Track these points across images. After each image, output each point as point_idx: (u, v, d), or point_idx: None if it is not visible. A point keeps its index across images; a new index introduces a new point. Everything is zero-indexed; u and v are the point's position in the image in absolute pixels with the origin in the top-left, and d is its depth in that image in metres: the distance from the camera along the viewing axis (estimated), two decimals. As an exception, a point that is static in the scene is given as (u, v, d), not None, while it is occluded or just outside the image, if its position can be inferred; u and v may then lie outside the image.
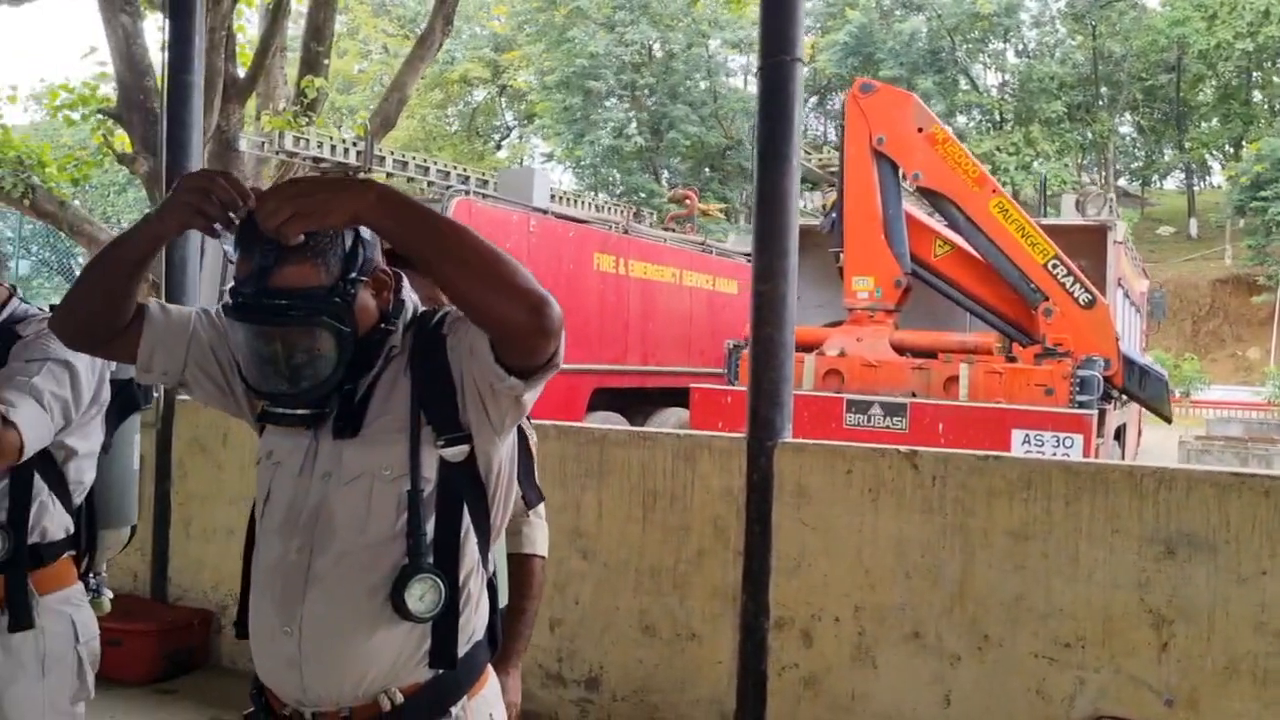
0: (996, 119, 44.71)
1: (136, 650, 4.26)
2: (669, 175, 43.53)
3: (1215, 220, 41.89)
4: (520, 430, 1.74)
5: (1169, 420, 8.52)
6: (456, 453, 1.46)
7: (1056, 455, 6.48)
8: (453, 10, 10.99)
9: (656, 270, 9.27)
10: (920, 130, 7.61)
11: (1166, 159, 47.91)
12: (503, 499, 1.54)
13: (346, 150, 8.26)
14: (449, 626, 1.46)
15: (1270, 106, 42.87)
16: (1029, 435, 6.71)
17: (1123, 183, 46.14)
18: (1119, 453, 8.32)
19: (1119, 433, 8.48)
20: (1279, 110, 42.44)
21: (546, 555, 2.14)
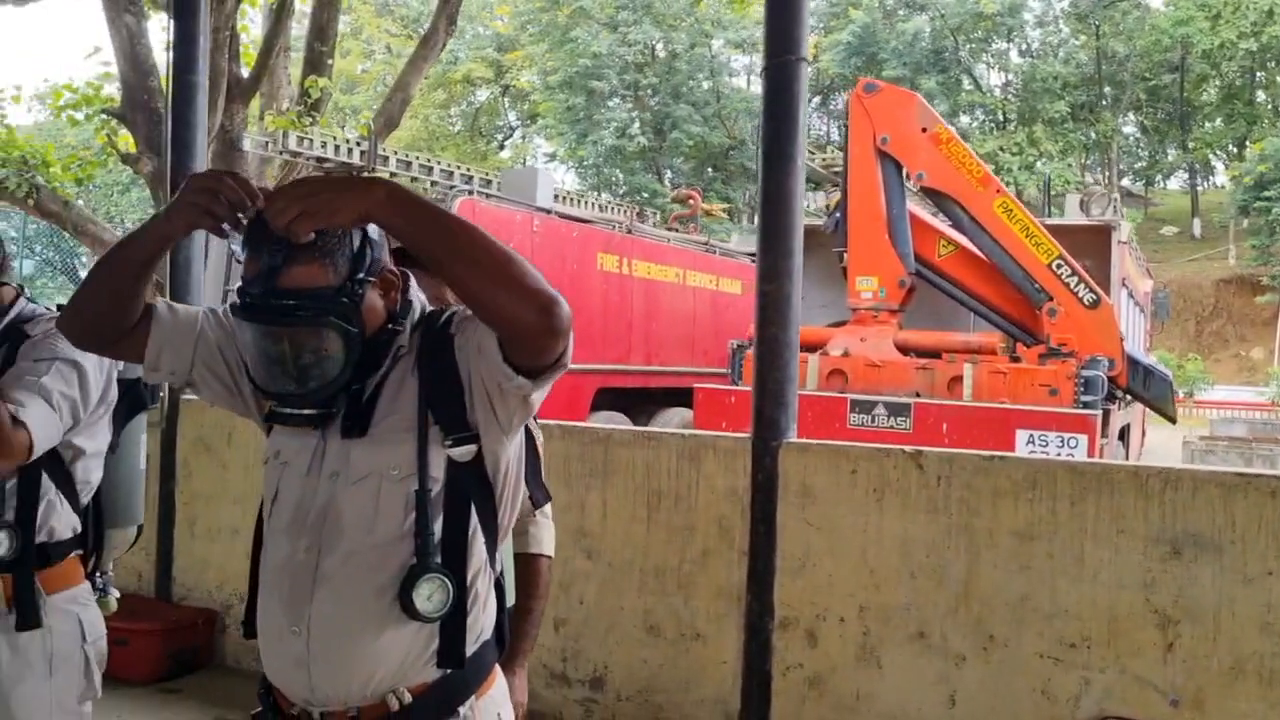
0: (1000, 119, 44.68)
1: (141, 649, 4.27)
2: (672, 175, 43.51)
3: (1219, 220, 41.84)
4: (528, 430, 1.75)
5: (1173, 420, 8.51)
6: (464, 452, 1.45)
7: (1061, 455, 6.48)
8: (456, 10, 10.99)
9: (660, 270, 9.26)
10: (924, 130, 7.60)
11: (1170, 159, 47.87)
12: (510, 499, 1.54)
13: (350, 150, 8.28)
14: (457, 626, 1.46)
15: (1274, 106, 42.79)
16: (1033, 435, 6.70)
17: (1126, 183, 46.07)
18: (1123, 453, 8.31)
19: (1123, 433, 8.47)
20: (1283, 110, 42.42)
21: (553, 555, 2.14)
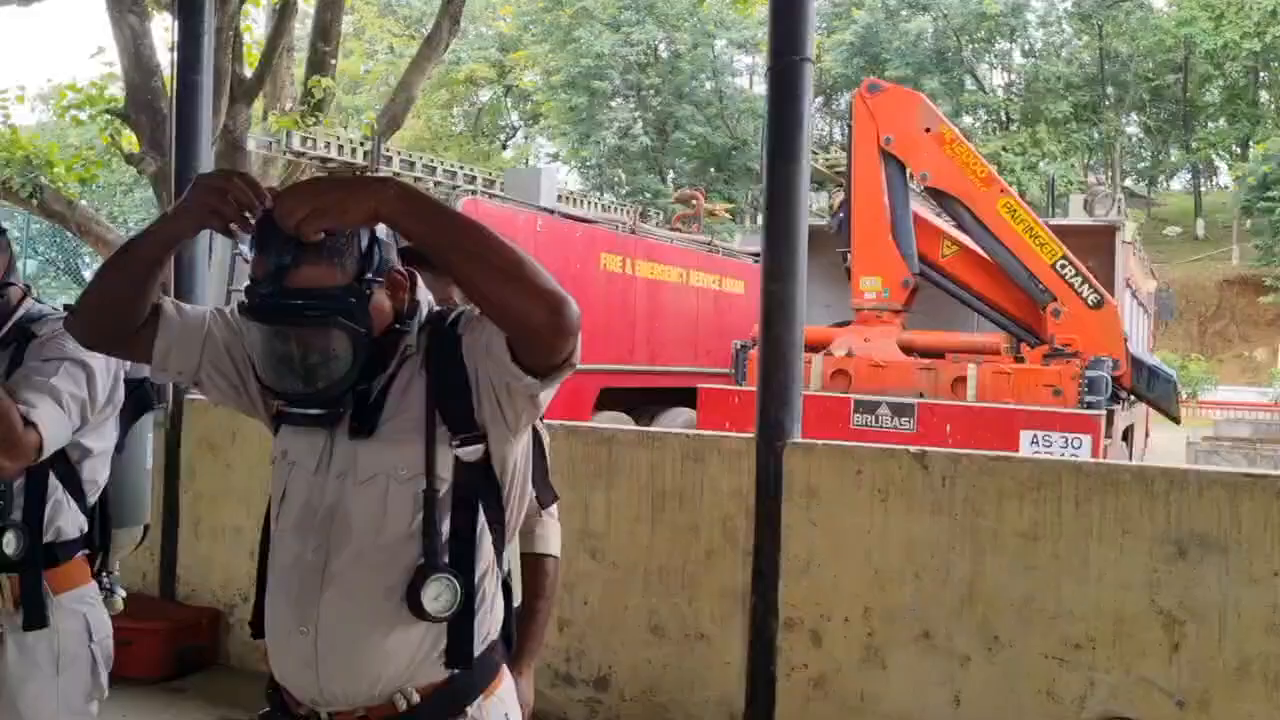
0: (1002, 119, 44.66)
1: (146, 648, 4.27)
2: (674, 175, 43.47)
3: (1222, 221, 41.79)
4: (535, 431, 1.75)
5: (1177, 421, 8.50)
6: (471, 452, 1.45)
7: (1065, 456, 6.47)
8: (459, 10, 10.99)
9: (663, 270, 9.26)
10: (928, 130, 7.60)
11: (1173, 159, 47.80)
12: (518, 498, 1.54)
13: (354, 150, 8.28)
14: (465, 626, 1.46)
15: (1278, 106, 42.74)
16: (1037, 436, 6.69)
17: (1129, 183, 46.02)
18: (1126, 453, 8.30)
19: (1126, 433, 8.46)
20: (1286, 110, 42.36)
21: (559, 555, 2.14)
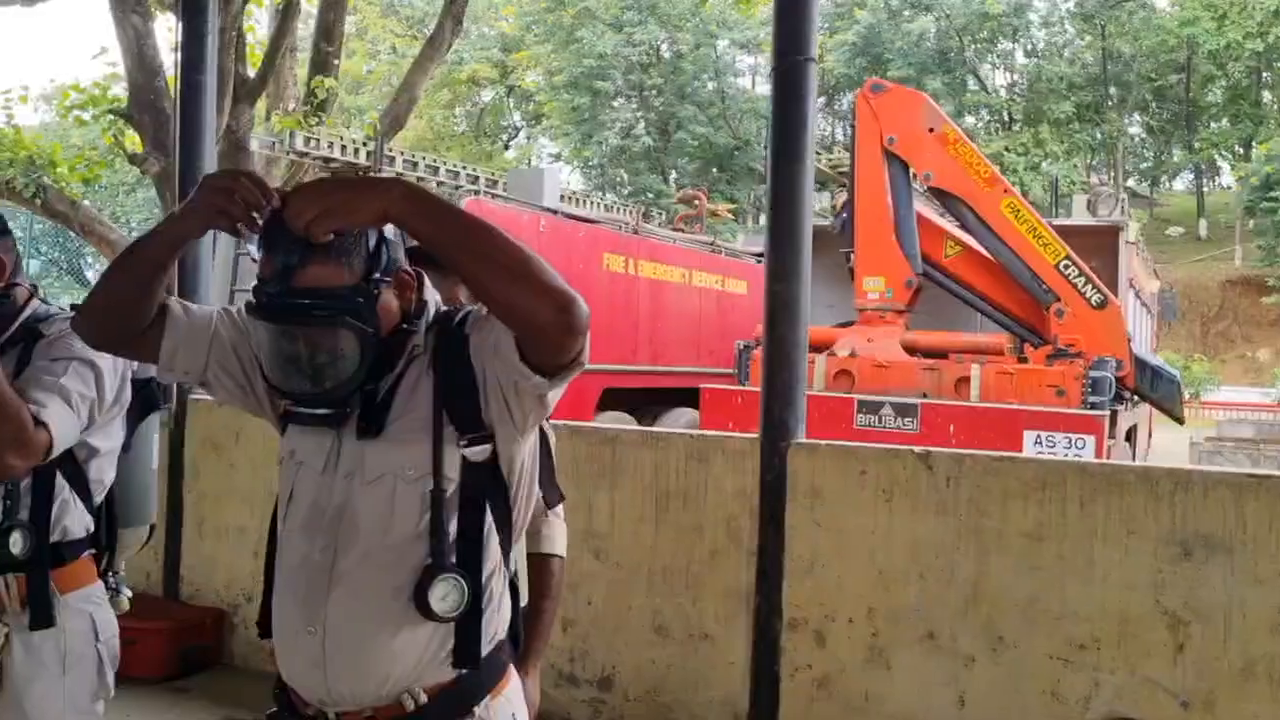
0: (1005, 119, 44.60)
1: (150, 648, 4.27)
2: (677, 176, 43.48)
3: (1225, 221, 41.73)
4: (541, 431, 1.75)
5: (1181, 421, 8.49)
6: (479, 452, 1.46)
7: (1068, 456, 6.47)
8: (462, 11, 11.00)
9: (666, 270, 9.25)
10: (931, 130, 7.60)
11: (1176, 159, 47.75)
12: (525, 498, 1.55)
13: (356, 150, 8.29)
14: (472, 626, 1.46)
15: (1280, 107, 42.73)
16: (1040, 436, 6.69)
17: (1132, 183, 45.98)
18: (1130, 454, 8.29)
19: (1130, 434, 8.46)
20: (1289, 111, 42.28)
21: (565, 556, 2.14)
